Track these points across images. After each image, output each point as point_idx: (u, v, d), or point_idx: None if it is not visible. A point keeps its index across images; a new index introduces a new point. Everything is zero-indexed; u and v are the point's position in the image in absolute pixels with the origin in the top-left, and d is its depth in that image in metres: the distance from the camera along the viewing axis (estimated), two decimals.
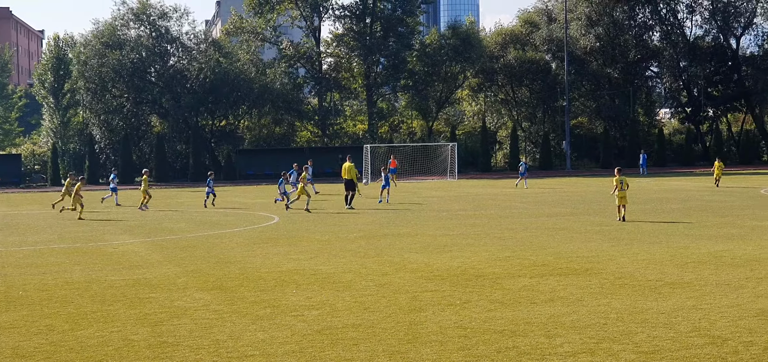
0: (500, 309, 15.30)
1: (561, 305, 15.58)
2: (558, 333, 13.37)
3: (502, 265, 20.60)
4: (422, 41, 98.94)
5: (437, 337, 13.29)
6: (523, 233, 27.85)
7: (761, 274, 18.41)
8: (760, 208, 35.85)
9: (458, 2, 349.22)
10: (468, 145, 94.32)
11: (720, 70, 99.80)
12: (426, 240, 26.50)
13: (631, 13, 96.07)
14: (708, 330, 13.36)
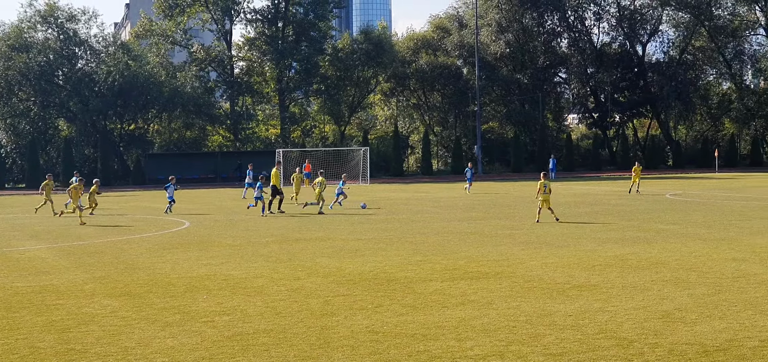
0: (412, 313, 15.37)
1: (472, 308, 15.71)
2: (468, 336, 13.48)
3: (414, 269, 20.69)
4: (335, 46, 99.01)
5: (349, 342, 13.30)
6: (435, 237, 28.01)
7: (666, 277, 18.80)
8: (664, 212, 36.61)
9: (370, 7, 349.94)
10: (380, 149, 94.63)
11: (626, 76, 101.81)
12: (338, 244, 26.49)
13: (540, 19, 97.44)
14: (614, 332, 13.60)
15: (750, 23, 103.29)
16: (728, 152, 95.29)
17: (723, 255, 22.20)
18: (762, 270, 19.53)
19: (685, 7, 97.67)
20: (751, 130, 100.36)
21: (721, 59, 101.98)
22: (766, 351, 12.23)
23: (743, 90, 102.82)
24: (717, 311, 15.03)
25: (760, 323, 14.01)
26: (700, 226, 29.96)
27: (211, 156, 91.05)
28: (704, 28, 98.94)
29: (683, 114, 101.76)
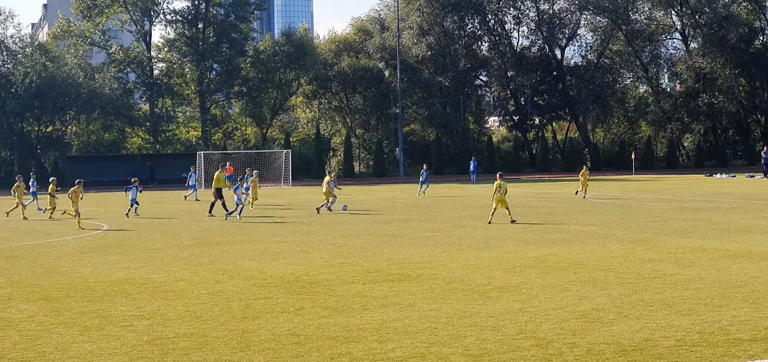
0: (334, 316, 15.37)
1: (393, 310, 15.76)
2: (390, 338, 13.52)
3: (336, 272, 20.68)
4: (256, 47, 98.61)
5: (270, 345, 13.24)
6: (357, 239, 28.04)
7: (584, 277, 19.07)
8: (582, 213, 37.11)
9: (292, 9, 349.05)
10: (302, 151, 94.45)
11: (546, 79, 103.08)
12: (260, 247, 26.37)
13: (461, 23, 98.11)
14: (534, 333, 13.75)
15: (666, 27, 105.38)
16: (645, 154, 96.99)
17: (640, 256, 22.58)
18: (678, 270, 19.92)
19: (603, 11, 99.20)
20: (667, 132, 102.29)
21: (637, 63, 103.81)
22: (682, 351, 12.47)
23: (659, 93, 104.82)
24: (634, 311, 15.28)
25: (676, 323, 14.27)
26: (617, 228, 30.44)
27: (130, 158, 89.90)
28: (621, 33, 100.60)
29: (601, 117, 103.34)
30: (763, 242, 25.00)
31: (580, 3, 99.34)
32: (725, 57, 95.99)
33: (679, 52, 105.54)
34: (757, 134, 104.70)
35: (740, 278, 18.55)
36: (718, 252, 22.86)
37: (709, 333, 13.47)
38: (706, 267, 20.34)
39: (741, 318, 14.46)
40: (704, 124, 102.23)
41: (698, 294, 16.79)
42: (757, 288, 17.22)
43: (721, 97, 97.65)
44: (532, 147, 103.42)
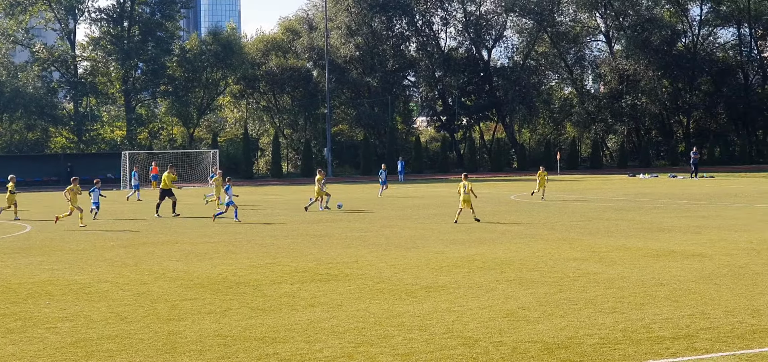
0: (261, 316, 15.32)
1: (321, 310, 15.76)
2: (318, 339, 13.53)
3: (264, 272, 20.61)
4: (182, 46, 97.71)
5: (196, 346, 13.16)
6: (285, 240, 27.96)
7: (510, 277, 19.26)
8: (509, 213, 37.46)
9: (219, 8, 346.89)
10: (230, 151, 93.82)
11: (473, 80, 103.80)
12: (186, 247, 26.16)
13: (389, 23, 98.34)
14: (460, 332, 13.86)
15: (590, 30, 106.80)
16: (570, 155, 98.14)
17: (564, 255, 22.87)
18: (601, 269, 20.21)
19: (529, 13, 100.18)
20: (591, 133, 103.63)
21: (563, 65, 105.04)
22: (605, 349, 12.66)
23: (584, 95, 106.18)
24: (559, 309, 15.48)
25: (599, 321, 14.49)
26: (543, 227, 30.78)
27: (53, 158, 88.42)
28: (547, 35, 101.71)
29: (527, 117, 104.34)
30: (684, 241, 25.47)
31: (506, 5, 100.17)
32: (648, 59, 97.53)
33: (603, 54, 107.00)
34: (680, 135, 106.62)
35: (662, 276, 18.88)
36: (641, 251, 23.24)
37: (632, 331, 13.70)
38: (629, 265, 20.67)
39: (663, 316, 14.73)
40: (628, 124, 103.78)
41: (621, 292, 17.06)
42: (679, 287, 17.55)
43: (645, 99, 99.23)
44: (460, 147, 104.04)
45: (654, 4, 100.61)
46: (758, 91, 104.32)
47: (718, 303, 15.84)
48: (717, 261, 21.03)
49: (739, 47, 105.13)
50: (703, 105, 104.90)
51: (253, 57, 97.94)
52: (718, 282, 17.98)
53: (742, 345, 12.74)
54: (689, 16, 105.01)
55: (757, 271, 19.36)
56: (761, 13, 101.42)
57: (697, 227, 29.62)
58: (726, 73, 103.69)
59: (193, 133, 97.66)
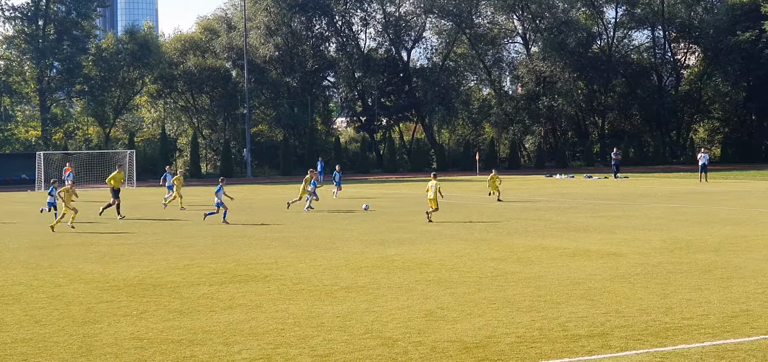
0: (178, 319, 15.17)
1: (240, 312, 15.66)
2: (236, 341, 13.44)
3: (181, 274, 20.42)
4: (99, 45, 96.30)
5: (112, 349, 12.99)
6: (203, 241, 27.73)
7: (430, 277, 19.35)
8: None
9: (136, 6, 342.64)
10: (147, 152, 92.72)
11: (392, 81, 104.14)
12: (102, 249, 25.79)
13: (308, 23, 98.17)
14: (380, 332, 13.89)
15: (508, 32, 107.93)
16: (488, 155, 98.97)
17: (483, 254, 23.06)
18: (519, 268, 20.42)
19: (447, 15, 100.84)
20: (510, 134, 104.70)
21: (481, 66, 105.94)
22: (522, 347, 12.80)
23: (502, 96, 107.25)
24: (477, 309, 15.60)
25: (517, 320, 14.64)
26: (461, 227, 30.99)
27: None
28: (465, 36, 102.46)
29: (446, 118, 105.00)
30: (600, 240, 25.87)
31: (425, 6, 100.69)
32: (565, 61, 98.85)
33: (520, 55, 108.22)
34: (595, 136, 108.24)
35: (578, 275, 19.15)
36: (557, 251, 23.54)
37: (549, 330, 13.87)
38: (546, 265, 20.92)
39: (579, 315, 14.94)
40: (545, 125, 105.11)
41: (538, 291, 17.26)
42: (595, 285, 17.82)
43: (561, 100, 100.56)
44: (380, 147, 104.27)
45: (570, 6, 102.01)
46: (671, 92, 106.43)
47: (632, 301, 16.12)
48: (631, 260, 21.40)
49: (653, 49, 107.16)
50: (618, 106, 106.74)
51: (170, 56, 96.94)
52: (632, 281, 18.30)
53: (655, 342, 12.98)
54: (604, 19, 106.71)
55: (669, 270, 19.75)
56: (675, 16, 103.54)
57: (612, 227, 30.11)
58: (640, 75, 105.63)
59: (110, 133, 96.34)
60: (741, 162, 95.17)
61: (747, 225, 29.66)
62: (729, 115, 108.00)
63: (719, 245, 24.19)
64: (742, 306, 15.49)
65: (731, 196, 45.65)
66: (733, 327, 13.84)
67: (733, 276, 18.74)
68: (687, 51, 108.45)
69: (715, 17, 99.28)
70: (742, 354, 12.18)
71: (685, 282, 18.08)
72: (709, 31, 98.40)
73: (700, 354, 12.25)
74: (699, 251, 22.98)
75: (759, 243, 24.54)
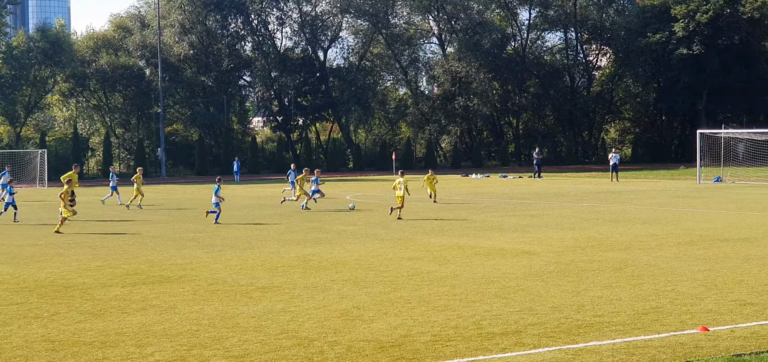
0: (90, 321, 14.95)
1: (153, 313, 15.50)
2: (150, 342, 13.30)
3: (93, 275, 20.12)
4: (9, 43, 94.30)
5: (23, 351, 12.75)
6: (116, 241, 27.36)
7: (346, 276, 19.38)
8: (345, 214, 37.63)
9: (48, 4, 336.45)
10: (59, 151, 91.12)
11: (309, 80, 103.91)
12: (12, 251, 25.27)
13: (223, 22, 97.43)
14: (296, 332, 13.86)
15: (424, 32, 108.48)
16: (405, 155, 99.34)
17: (399, 254, 23.16)
18: (435, 267, 20.55)
19: (364, 15, 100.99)
20: (426, 133, 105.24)
21: (397, 66, 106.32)
22: (437, 346, 12.89)
23: (418, 96, 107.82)
24: (393, 308, 15.67)
25: (432, 318, 14.73)
26: (378, 227, 31.08)
27: None
28: (381, 36, 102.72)
29: (363, 118, 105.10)
30: (514, 239, 26.17)
31: (341, 6, 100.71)
32: (480, 61, 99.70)
33: (436, 56, 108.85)
34: (510, 136, 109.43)
35: (493, 274, 19.35)
36: (472, 250, 23.76)
37: (464, 328, 13.99)
38: (461, 264, 21.09)
39: (493, 313, 15.09)
40: (460, 125, 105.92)
41: (454, 290, 17.40)
42: (509, 284, 18.02)
43: (476, 100, 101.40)
44: (296, 147, 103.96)
45: (485, 8, 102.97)
46: (584, 93, 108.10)
47: (545, 299, 16.34)
48: (544, 259, 21.69)
49: (565, 51, 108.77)
50: (532, 107, 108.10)
51: (83, 55, 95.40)
52: (545, 279, 18.55)
53: (567, 339, 13.18)
54: (518, 20, 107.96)
55: (582, 268, 20.06)
56: (587, 18, 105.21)
57: (526, 226, 30.48)
58: (553, 76, 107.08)
59: (21, 133, 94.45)
60: (651, 161, 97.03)
61: (657, 224, 30.28)
62: (639, 116, 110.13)
63: (630, 243, 24.65)
64: (652, 303, 15.81)
65: (641, 195, 46.55)
66: (644, 324, 14.12)
67: (644, 274, 19.12)
68: (599, 52, 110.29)
69: (627, 19, 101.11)
70: (652, 351, 12.43)
71: (597, 280, 18.39)
72: (621, 33, 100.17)
73: (612, 350, 12.47)
74: (610, 249, 23.39)
75: (668, 241, 25.07)
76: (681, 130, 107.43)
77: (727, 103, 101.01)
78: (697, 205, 38.98)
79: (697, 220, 31.64)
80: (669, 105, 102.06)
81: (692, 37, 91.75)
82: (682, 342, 12.89)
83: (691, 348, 12.56)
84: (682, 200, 42.62)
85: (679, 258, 21.54)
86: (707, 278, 18.42)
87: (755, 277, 18.46)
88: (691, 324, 14.12)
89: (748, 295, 16.43)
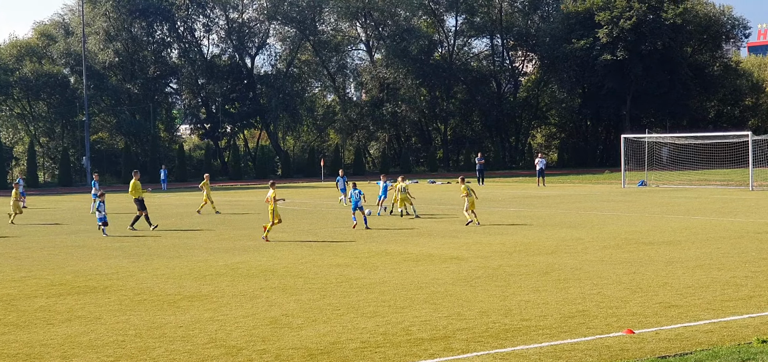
0: (14, 332, 14.72)
1: (79, 324, 15.30)
2: (75, 354, 13.13)
3: (17, 286, 19.79)
4: None
5: None
6: (40, 252, 26.94)
7: (275, 284, 19.32)
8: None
9: None
10: None
11: (237, 87, 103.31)
12: None
13: (149, 29, 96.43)
14: (224, 341, 13.79)
15: (351, 39, 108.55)
16: (334, 161, 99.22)
17: (328, 260, 23.16)
18: (363, 274, 20.59)
19: (291, 21, 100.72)
20: (354, 140, 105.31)
21: (325, 73, 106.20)
22: (366, 352, 12.92)
23: (346, 102, 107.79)
24: (322, 315, 15.67)
25: (361, 325, 14.76)
26: (307, 233, 31.04)
27: None
28: (309, 43, 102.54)
29: (291, 125, 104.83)
30: (442, 245, 26.31)
31: (269, 13, 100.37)
32: (407, 68, 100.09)
33: (364, 62, 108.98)
34: (438, 141, 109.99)
35: (421, 280, 19.45)
36: (401, 256, 23.84)
37: (393, 334, 14.04)
38: (390, 270, 21.16)
39: (422, 319, 15.17)
40: (389, 131, 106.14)
41: (382, 296, 17.45)
42: (437, 289, 18.12)
43: (404, 106, 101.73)
44: (224, 155, 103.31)
45: (412, 14, 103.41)
46: (510, 99, 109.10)
47: (473, 304, 16.47)
48: (472, 264, 21.86)
49: (492, 57, 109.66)
50: (460, 113, 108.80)
51: (5, 62, 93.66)
52: (473, 284, 18.69)
53: (495, 344, 13.30)
54: (445, 27, 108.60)
55: (509, 272, 20.26)
56: (512, 25, 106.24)
57: (454, 231, 30.67)
58: (480, 82, 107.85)
59: None
60: (577, 166, 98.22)
61: (582, 228, 30.68)
62: (565, 121, 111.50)
63: (556, 247, 24.95)
64: (579, 306, 16.03)
65: (567, 200, 47.11)
66: (570, 328, 14.30)
67: (570, 277, 19.36)
68: (525, 59, 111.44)
69: (551, 26, 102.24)
70: (578, 354, 12.60)
71: (524, 284, 18.58)
72: (546, 40, 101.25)
73: (539, 354, 12.62)
74: (537, 254, 23.64)
75: (594, 244, 25.42)
76: (606, 135, 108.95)
77: (651, 108, 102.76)
78: (621, 209, 39.56)
79: (622, 224, 32.13)
80: (594, 110, 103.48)
81: (616, 42, 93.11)
82: (608, 345, 13.09)
83: (617, 350, 12.76)
84: (607, 204, 43.23)
85: (604, 261, 21.85)
86: (632, 281, 18.71)
87: (679, 280, 18.80)
88: (616, 326, 14.34)
89: (672, 298, 16.73)
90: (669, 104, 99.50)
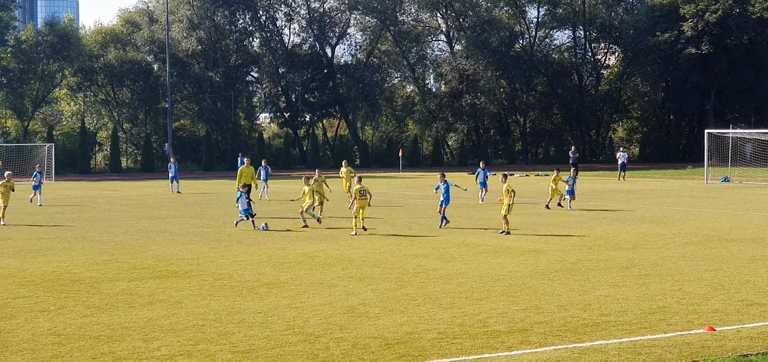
0: (97, 315, 14.97)
1: (160, 308, 15.51)
2: (156, 337, 13.31)
3: (100, 269, 20.14)
4: (18, 37, 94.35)
5: (29, 345, 12.77)
6: (123, 236, 27.38)
7: (352, 273, 19.37)
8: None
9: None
10: (66, 145, 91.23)
11: (316, 76, 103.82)
12: (19, 244, 25.31)
13: (232, 17, 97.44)
14: (302, 328, 13.86)
15: (432, 29, 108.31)
16: (412, 152, 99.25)
17: (405, 251, 23.15)
18: (441, 265, 20.54)
19: (372, 12, 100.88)
20: (433, 131, 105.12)
21: (405, 63, 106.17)
22: (443, 343, 12.88)
23: (425, 93, 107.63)
24: (399, 305, 15.66)
25: (438, 316, 14.72)
26: (385, 224, 31.06)
27: None
28: (389, 33, 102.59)
29: (370, 115, 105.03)
30: (520, 238, 26.14)
31: (349, 2, 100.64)
32: (487, 59, 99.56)
33: (444, 53, 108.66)
34: (517, 134, 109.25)
35: (499, 272, 19.34)
36: (479, 248, 23.73)
37: (470, 326, 13.98)
38: (468, 262, 21.08)
39: (499, 311, 15.08)
40: (467, 123, 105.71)
41: (460, 288, 17.39)
42: (515, 282, 18.00)
43: (484, 98, 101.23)
44: (303, 144, 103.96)
45: (493, 5, 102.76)
46: (591, 92, 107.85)
47: (551, 297, 16.32)
48: (551, 257, 21.67)
49: (573, 49, 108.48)
50: (539, 105, 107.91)
51: (91, 49, 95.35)
52: (551, 278, 18.53)
53: (574, 338, 13.17)
54: (527, 18, 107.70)
55: (588, 267, 20.04)
56: (595, 16, 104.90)
57: (533, 224, 30.44)
58: (561, 75, 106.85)
59: (28, 127, 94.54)
60: (659, 161, 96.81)
61: (664, 224, 30.23)
62: (647, 115, 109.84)
63: (637, 243, 24.61)
64: (659, 303, 15.79)
65: (649, 195, 46.47)
66: (650, 324, 14.10)
67: (650, 273, 19.09)
68: (607, 51, 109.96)
69: (635, 18, 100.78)
70: (658, 351, 12.41)
71: (603, 279, 18.37)
72: (629, 32, 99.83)
73: (618, 350, 12.46)
74: (617, 249, 23.36)
75: (675, 241, 25.03)
76: (689, 130, 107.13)
77: (735, 103, 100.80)
78: (704, 205, 38.90)
79: (705, 220, 31.59)
80: (677, 104, 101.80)
81: (701, 36, 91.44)
82: (688, 342, 12.87)
83: (697, 347, 12.55)
84: (690, 200, 42.55)
85: (686, 257, 21.51)
86: (714, 278, 18.39)
87: (762, 278, 18.42)
88: (697, 323, 14.10)
89: (754, 295, 16.41)
90: (754, 99, 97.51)
